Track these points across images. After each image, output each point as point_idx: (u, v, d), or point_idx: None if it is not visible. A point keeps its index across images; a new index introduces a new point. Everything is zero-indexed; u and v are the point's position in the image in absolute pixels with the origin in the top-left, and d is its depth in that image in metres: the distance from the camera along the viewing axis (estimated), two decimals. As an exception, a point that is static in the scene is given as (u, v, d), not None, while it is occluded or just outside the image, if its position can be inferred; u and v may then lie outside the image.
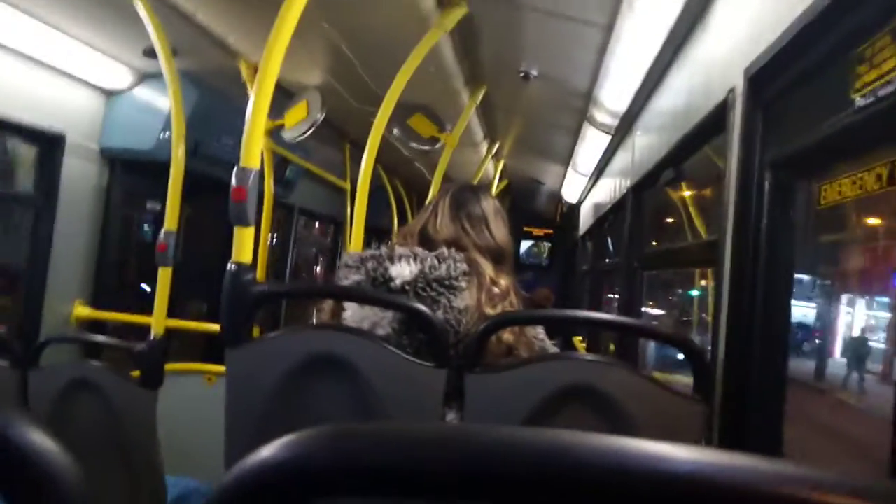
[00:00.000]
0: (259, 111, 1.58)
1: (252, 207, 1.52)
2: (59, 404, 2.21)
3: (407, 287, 1.40)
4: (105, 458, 2.15)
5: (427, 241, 1.50)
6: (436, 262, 1.41)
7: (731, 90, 1.49)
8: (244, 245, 1.51)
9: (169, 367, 3.05)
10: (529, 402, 1.41)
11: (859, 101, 0.95)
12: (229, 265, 1.48)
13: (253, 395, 1.49)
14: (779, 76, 1.30)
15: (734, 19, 1.61)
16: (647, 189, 2.73)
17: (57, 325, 3.14)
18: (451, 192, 1.58)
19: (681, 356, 1.50)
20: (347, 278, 1.46)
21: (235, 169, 1.51)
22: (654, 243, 2.95)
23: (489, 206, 1.56)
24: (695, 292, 3.68)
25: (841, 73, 1.05)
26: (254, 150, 1.54)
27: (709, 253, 1.72)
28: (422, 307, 1.40)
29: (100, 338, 2.44)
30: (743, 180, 1.38)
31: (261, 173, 3.57)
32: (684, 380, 1.54)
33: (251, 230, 1.52)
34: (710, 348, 1.55)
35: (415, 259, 1.42)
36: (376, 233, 7.00)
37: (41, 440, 0.41)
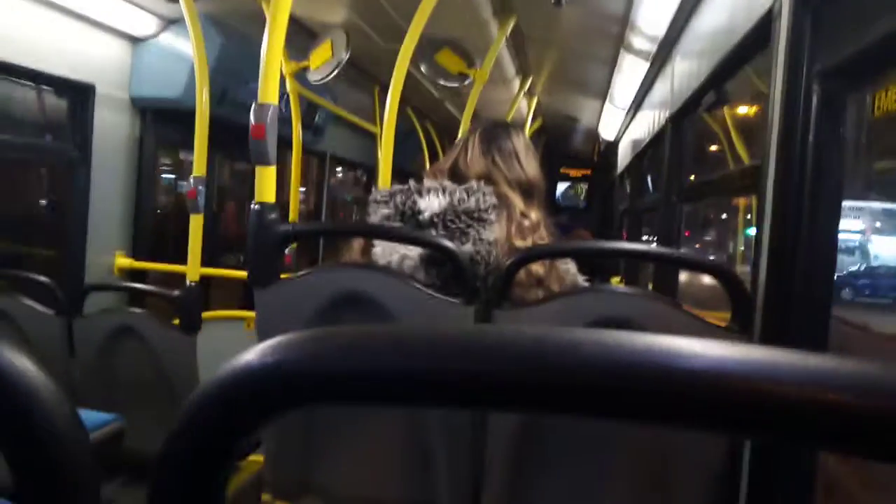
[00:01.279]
0: (275, 43, 1.53)
1: (273, 145, 1.49)
2: (103, 350, 2.29)
3: (436, 219, 1.39)
4: (149, 400, 2.24)
5: (458, 176, 1.50)
6: (465, 194, 1.39)
7: (777, -2, 1.37)
8: (266, 184, 1.48)
9: (210, 314, 3.14)
10: (561, 336, 1.37)
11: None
12: (252, 205, 1.46)
13: (282, 334, 1.49)
14: (831, -23, 1.18)
15: (781, -81, 1.47)
16: (687, 117, 2.59)
17: (100, 275, 3.23)
18: (482, 128, 1.58)
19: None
20: (377, 212, 1.46)
21: (253, 105, 1.47)
22: (694, 176, 2.83)
23: (520, 141, 1.56)
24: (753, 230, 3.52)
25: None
26: (271, 85, 1.50)
27: (751, 179, 1.63)
28: (447, 243, 1.36)
29: (138, 286, 2.51)
30: (789, 95, 1.27)
31: (289, 118, 3.57)
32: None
33: (273, 169, 1.50)
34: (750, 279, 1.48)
35: (443, 192, 1.40)
36: (409, 177, 6.98)
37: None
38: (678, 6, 2.37)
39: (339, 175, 6.86)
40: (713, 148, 2.82)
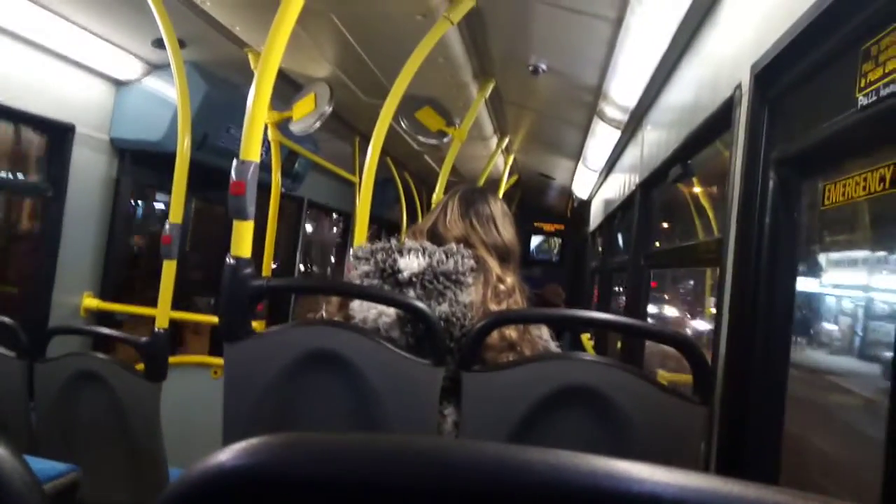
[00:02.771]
0: (260, 102, 1.57)
1: (251, 201, 1.51)
2: (64, 395, 2.23)
3: (414, 279, 1.41)
4: (109, 448, 2.17)
5: (436, 237, 1.53)
6: (444, 256, 1.42)
7: (738, 86, 1.46)
8: (243, 239, 1.50)
9: (177, 359, 3.09)
10: (527, 401, 1.39)
11: (863, 99, 0.93)
12: (227, 259, 1.48)
13: (250, 390, 1.49)
14: (785, 73, 1.27)
15: (742, 15, 1.58)
16: (656, 186, 2.70)
17: (66, 316, 3.17)
18: (461, 192, 1.62)
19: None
20: (357, 268, 1.48)
21: (235, 162, 1.50)
22: (660, 242, 2.92)
23: (497, 207, 1.60)
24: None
25: (847, 71, 1.02)
26: (254, 143, 1.53)
27: (713, 252, 1.70)
28: (419, 304, 1.39)
29: (104, 330, 2.46)
30: (747, 178, 1.35)
31: (268, 166, 3.61)
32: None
33: (250, 224, 1.52)
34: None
35: (423, 253, 1.43)
36: (386, 225, 7.02)
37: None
38: (649, 81, 2.49)
39: (316, 222, 6.88)
40: (679, 217, 2.92)
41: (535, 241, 9.33)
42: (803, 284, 1.59)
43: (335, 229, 7.15)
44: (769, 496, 0.32)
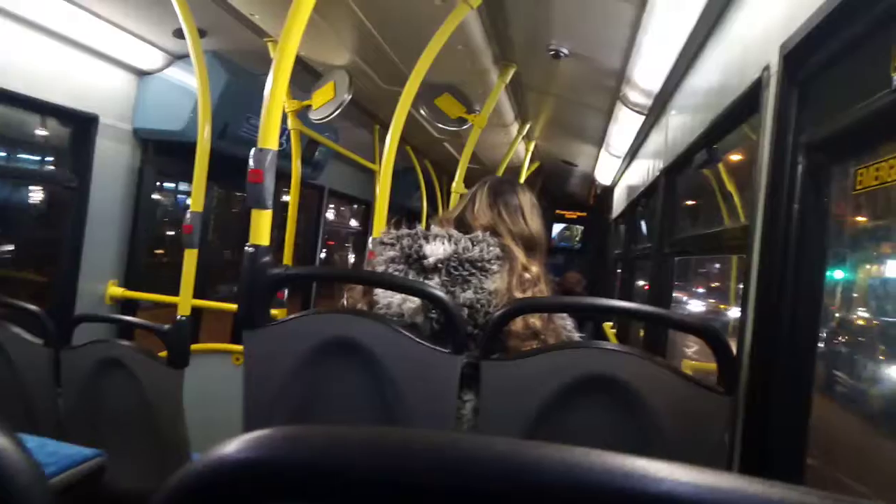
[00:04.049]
0: (277, 90, 1.57)
1: (269, 190, 1.51)
2: (89, 382, 2.27)
3: (440, 265, 1.41)
4: (133, 434, 2.21)
5: (464, 226, 1.53)
6: (469, 243, 1.42)
7: (766, 68, 1.42)
8: (261, 227, 1.50)
9: (198, 346, 3.12)
10: (546, 390, 1.38)
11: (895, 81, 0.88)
12: (246, 247, 1.48)
13: (269, 377, 1.49)
14: (815, 53, 1.22)
15: (771, -7, 1.53)
16: (680, 172, 2.64)
17: (92, 304, 3.22)
18: (490, 182, 1.63)
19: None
20: (383, 254, 1.48)
21: (253, 150, 1.50)
22: (685, 228, 2.86)
23: (526, 198, 1.61)
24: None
25: (881, 50, 0.98)
26: (272, 132, 1.53)
27: (739, 239, 1.66)
28: (439, 293, 1.38)
29: (127, 318, 2.50)
30: (775, 163, 1.31)
31: (288, 154, 3.62)
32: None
33: (268, 212, 1.52)
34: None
35: (449, 239, 1.43)
36: (407, 214, 7.02)
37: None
38: (673, 64, 2.43)
39: (338, 211, 6.90)
40: (703, 204, 2.86)
41: (557, 228, 9.26)
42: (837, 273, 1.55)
43: (356, 218, 7.17)
44: (792, 496, 0.31)
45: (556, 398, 1.38)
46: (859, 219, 1.50)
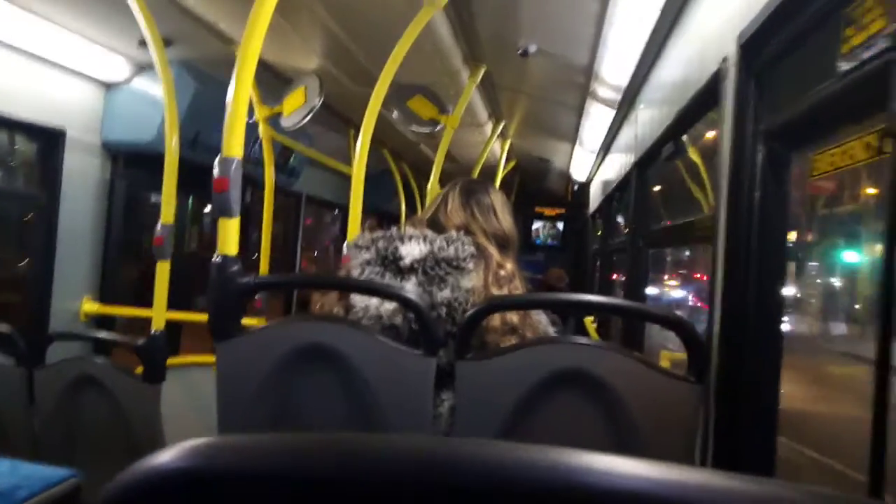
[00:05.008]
0: (240, 97, 1.55)
1: (236, 198, 1.50)
2: (64, 401, 2.23)
3: (416, 265, 1.42)
4: (111, 452, 2.17)
5: (437, 227, 1.53)
6: (444, 243, 1.43)
7: (725, 59, 1.44)
8: (229, 237, 1.49)
9: (176, 360, 3.09)
10: (520, 387, 1.38)
11: (844, 65, 0.90)
12: (214, 257, 1.46)
13: (244, 387, 1.48)
14: (770, 42, 1.24)
15: (727, -15, 1.54)
16: (651, 165, 2.66)
17: (66, 321, 3.17)
18: (461, 183, 1.64)
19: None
20: (358, 257, 1.48)
21: (217, 159, 1.48)
22: (662, 219, 2.89)
23: (497, 197, 1.63)
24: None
25: (831, 37, 0.99)
26: (236, 139, 1.51)
27: (708, 229, 1.67)
28: (409, 295, 1.38)
29: (102, 333, 2.46)
30: (736, 152, 1.33)
31: (262, 161, 3.59)
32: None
33: (236, 221, 1.50)
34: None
35: (424, 240, 1.44)
36: (385, 218, 7.00)
37: None
38: (639, 58, 2.46)
39: (316, 217, 6.87)
40: (676, 195, 2.89)
41: (537, 225, 9.29)
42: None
43: (337, 224, 7.13)
44: (751, 488, 0.31)
45: (532, 395, 1.38)
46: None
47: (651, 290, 3.42)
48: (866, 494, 0.75)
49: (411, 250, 1.42)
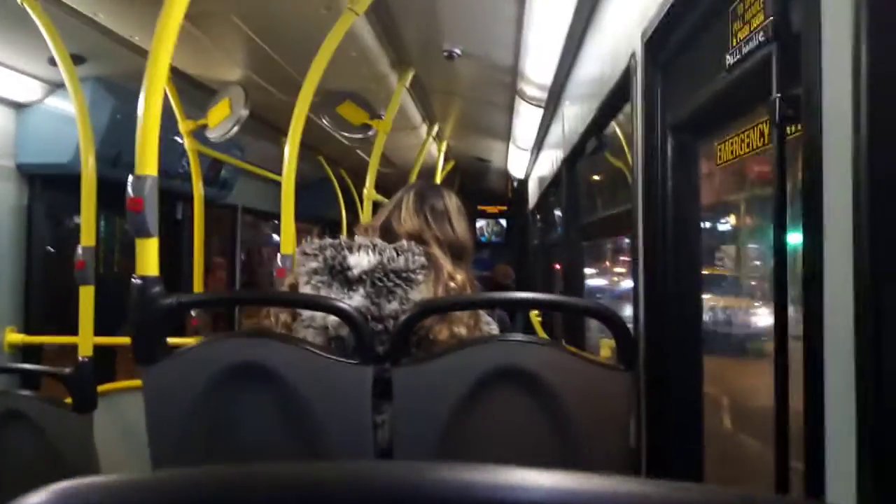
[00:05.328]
0: (151, 111, 1.51)
1: (152, 217, 1.45)
2: (-11, 439, 2.11)
3: (364, 276, 1.39)
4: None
5: (389, 233, 1.51)
6: (394, 253, 1.40)
7: (633, 55, 1.48)
8: (148, 257, 1.44)
9: (107, 386, 2.96)
10: (458, 388, 1.39)
11: (730, 59, 0.94)
12: (133, 279, 1.42)
13: (173, 411, 1.43)
14: (671, 38, 1.29)
15: (632, -17, 1.60)
16: (578, 160, 2.73)
17: (-11, 354, 3.01)
18: (416, 188, 1.61)
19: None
20: (305, 265, 1.44)
21: (130, 178, 1.44)
22: (591, 212, 2.96)
23: (452, 202, 1.60)
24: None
25: (722, 32, 1.04)
26: (149, 156, 1.47)
27: (628, 221, 1.72)
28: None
29: (23, 366, 2.34)
30: (647, 144, 1.37)
31: (189, 175, 3.50)
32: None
33: (154, 241, 1.46)
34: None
35: (374, 249, 1.41)
36: (329, 226, 6.92)
37: None
38: (559, 57, 2.51)
39: (255, 227, 6.73)
40: (604, 189, 2.97)
41: (481, 223, 9.39)
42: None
43: (277, 234, 7.01)
44: (653, 490, 0.32)
45: (468, 396, 1.39)
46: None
47: (600, 282, 3.48)
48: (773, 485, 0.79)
49: (360, 261, 1.39)
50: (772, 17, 0.73)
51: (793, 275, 0.76)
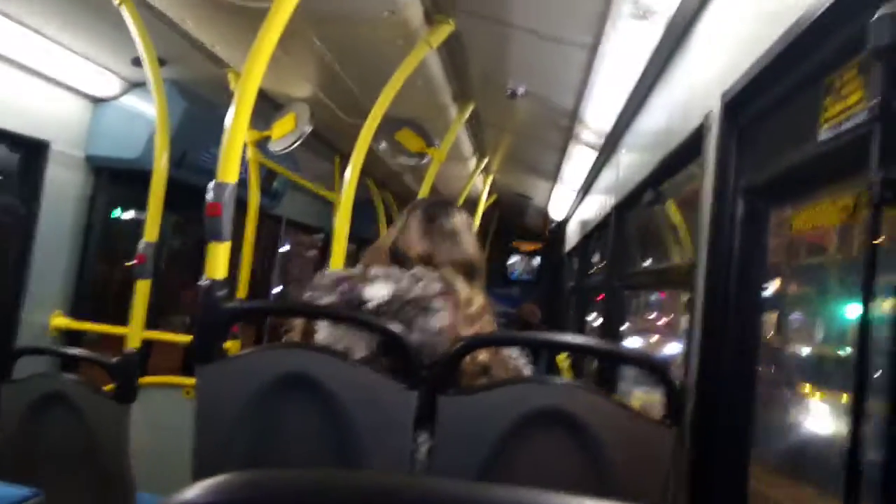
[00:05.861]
0: (239, 123, 1.57)
1: (228, 223, 1.51)
2: (30, 417, 2.17)
3: (382, 309, 1.37)
4: (76, 472, 2.11)
5: (399, 257, 1.49)
6: (411, 282, 1.39)
7: (708, 114, 1.50)
8: (218, 260, 1.49)
9: (147, 379, 3.02)
10: (500, 424, 1.39)
11: (824, 133, 0.96)
12: (203, 281, 1.47)
13: (222, 413, 1.47)
14: (754, 102, 1.31)
15: (713, 44, 1.62)
16: (630, 208, 2.73)
17: (35, 335, 3.10)
18: (422, 207, 1.57)
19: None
20: (321, 300, 1.44)
21: (212, 183, 1.50)
22: (639, 261, 2.95)
23: (460, 219, 1.55)
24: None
25: (811, 103, 1.05)
26: (232, 164, 1.53)
27: (686, 276, 1.72)
28: (394, 328, 1.38)
29: (72, 350, 2.41)
30: (717, 205, 1.38)
31: (246, 184, 3.60)
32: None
33: (226, 245, 1.51)
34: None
35: (389, 279, 1.39)
36: (365, 243, 7.00)
37: None
38: (623, 106, 2.54)
39: (298, 241, 6.84)
40: (654, 240, 2.96)
41: (513, 259, 9.39)
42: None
43: (314, 248, 7.12)
44: None
45: (511, 431, 1.39)
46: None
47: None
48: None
49: (376, 293, 1.38)
50: (879, 99, 0.75)
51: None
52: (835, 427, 1.31)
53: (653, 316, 3.34)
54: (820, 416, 1.41)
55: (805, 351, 1.52)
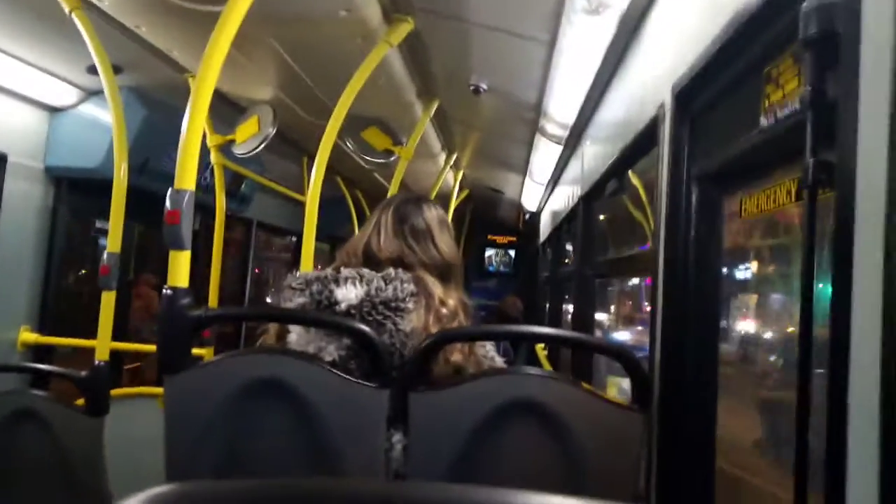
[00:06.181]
0: (195, 128, 1.56)
1: (188, 230, 1.50)
2: (1, 436, 2.13)
3: (352, 311, 1.37)
4: (51, 489, 2.09)
5: (371, 258, 1.48)
6: (382, 283, 1.38)
7: (661, 105, 1.53)
8: (180, 268, 1.48)
9: (120, 391, 2.99)
10: (473, 418, 1.41)
11: (764, 120, 0.99)
12: (164, 290, 1.46)
13: (193, 421, 1.46)
14: (702, 93, 1.34)
15: (664, 37, 1.66)
16: (596, 199, 2.77)
17: (3, 353, 3.05)
18: (393, 205, 1.54)
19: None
20: (291, 300, 1.43)
21: (169, 191, 1.49)
22: (607, 250, 2.99)
23: (433, 217, 1.53)
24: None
25: (754, 92, 1.09)
26: (189, 171, 1.52)
27: (650, 262, 1.76)
28: (363, 327, 1.39)
29: (40, 366, 2.38)
30: (672, 193, 1.41)
31: (213, 188, 3.56)
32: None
33: (187, 253, 1.50)
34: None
35: (360, 281, 1.39)
36: (338, 242, 6.98)
37: None
38: (584, 99, 2.57)
39: (268, 244, 6.79)
40: (621, 228, 3.00)
41: (489, 252, 9.44)
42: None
43: (287, 250, 7.07)
44: None
45: (483, 426, 1.41)
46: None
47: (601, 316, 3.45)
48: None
49: (347, 294, 1.37)
50: (809, 87, 0.78)
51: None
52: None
53: (640, 304, 3.38)
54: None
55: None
